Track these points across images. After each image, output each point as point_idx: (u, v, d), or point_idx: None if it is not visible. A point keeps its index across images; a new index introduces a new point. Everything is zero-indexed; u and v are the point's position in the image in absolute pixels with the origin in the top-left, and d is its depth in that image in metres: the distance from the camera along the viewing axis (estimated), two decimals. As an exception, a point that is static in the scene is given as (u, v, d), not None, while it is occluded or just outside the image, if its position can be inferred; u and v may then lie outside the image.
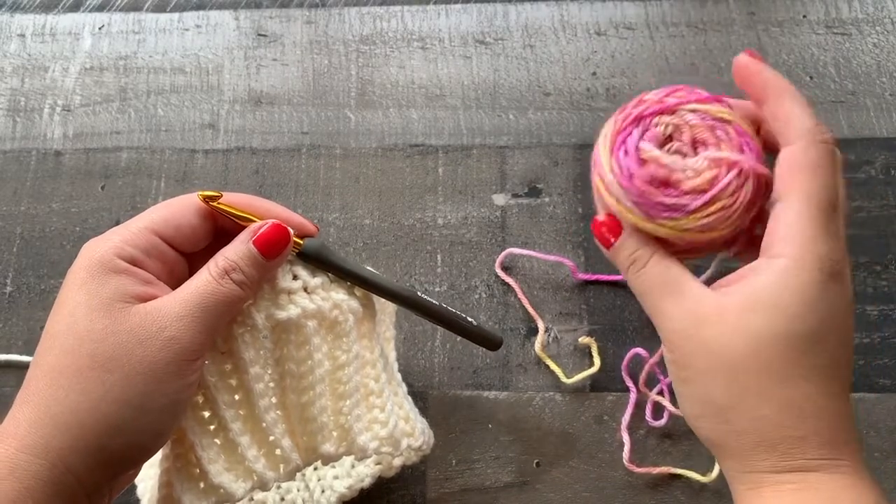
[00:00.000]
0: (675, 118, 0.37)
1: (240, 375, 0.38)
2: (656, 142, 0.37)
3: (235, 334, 0.37)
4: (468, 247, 0.58)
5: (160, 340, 0.33)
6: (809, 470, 0.33)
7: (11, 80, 0.67)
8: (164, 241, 0.36)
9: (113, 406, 0.32)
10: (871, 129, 0.60)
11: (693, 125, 0.37)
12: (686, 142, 0.37)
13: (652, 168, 0.36)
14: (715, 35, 0.64)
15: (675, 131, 0.37)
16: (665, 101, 0.37)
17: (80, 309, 0.33)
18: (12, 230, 0.61)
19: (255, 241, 0.36)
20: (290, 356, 0.39)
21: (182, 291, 0.35)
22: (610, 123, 0.38)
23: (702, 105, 0.37)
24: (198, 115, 0.64)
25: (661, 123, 0.37)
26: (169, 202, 0.38)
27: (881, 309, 0.55)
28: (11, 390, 0.55)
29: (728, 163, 0.36)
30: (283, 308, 0.38)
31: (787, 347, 0.32)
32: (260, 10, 0.68)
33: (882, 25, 0.64)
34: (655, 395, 0.53)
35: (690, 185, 0.36)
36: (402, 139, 0.62)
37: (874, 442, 0.51)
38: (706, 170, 0.36)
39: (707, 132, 0.36)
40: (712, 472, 0.50)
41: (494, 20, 0.66)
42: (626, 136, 0.37)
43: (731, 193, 0.35)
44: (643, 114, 0.37)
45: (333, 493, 0.48)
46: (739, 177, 0.35)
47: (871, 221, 0.57)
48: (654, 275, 0.36)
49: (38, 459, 0.32)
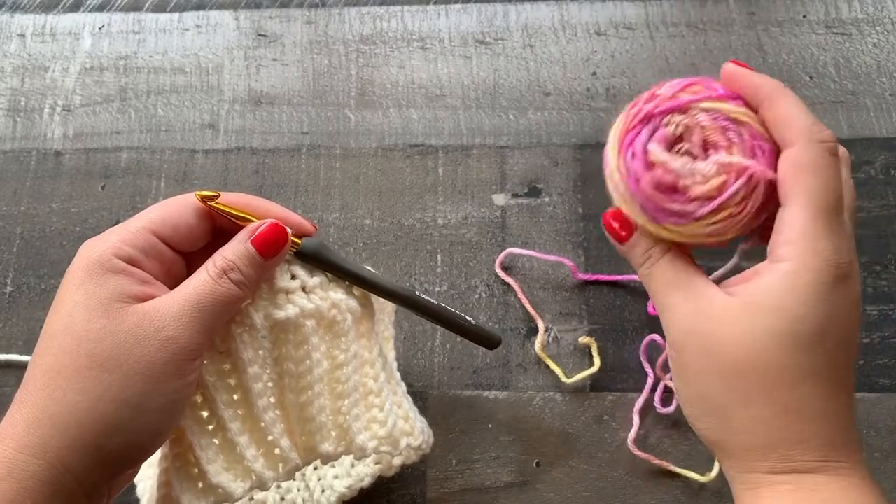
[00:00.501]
0: (687, 117, 0.35)
1: (238, 375, 0.38)
2: (665, 143, 0.36)
3: (234, 334, 0.37)
4: (468, 247, 0.58)
5: (158, 340, 0.33)
6: (808, 471, 0.33)
7: (11, 80, 0.67)
8: (162, 240, 0.36)
9: (111, 405, 0.32)
10: (871, 129, 0.60)
11: (704, 126, 0.35)
12: (696, 143, 0.35)
13: (659, 172, 0.35)
14: (715, 35, 0.64)
15: (685, 131, 0.36)
16: (678, 98, 0.36)
17: (77, 309, 0.33)
18: (12, 230, 0.61)
19: (253, 241, 0.36)
20: (288, 356, 0.39)
21: (180, 291, 0.35)
22: (621, 119, 0.37)
23: (716, 104, 0.35)
24: (198, 115, 0.64)
25: (671, 123, 0.36)
26: (167, 202, 0.37)
27: (881, 309, 0.55)
28: (11, 390, 0.55)
29: (738, 169, 0.34)
30: (281, 308, 0.38)
31: (789, 350, 0.32)
32: (260, 10, 0.68)
33: (882, 25, 0.64)
34: (669, 381, 0.53)
35: (698, 191, 0.35)
36: (402, 139, 0.62)
37: (874, 442, 0.51)
38: (715, 175, 0.35)
39: (718, 134, 0.35)
40: (711, 473, 0.50)
41: (494, 20, 0.66)
42: (634, 136, 0.36)
43: (740, 201, 0.34)
44: (653, 111, 0.36)
45: (333, 493, 0.48)
46: (749, 184, 0.34)
47: (871, 221, 0.57)
48: (666, 271, 0.36)
49: (36, 460, 0.32)
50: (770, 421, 0.33)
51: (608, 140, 0.37)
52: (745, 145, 0.35)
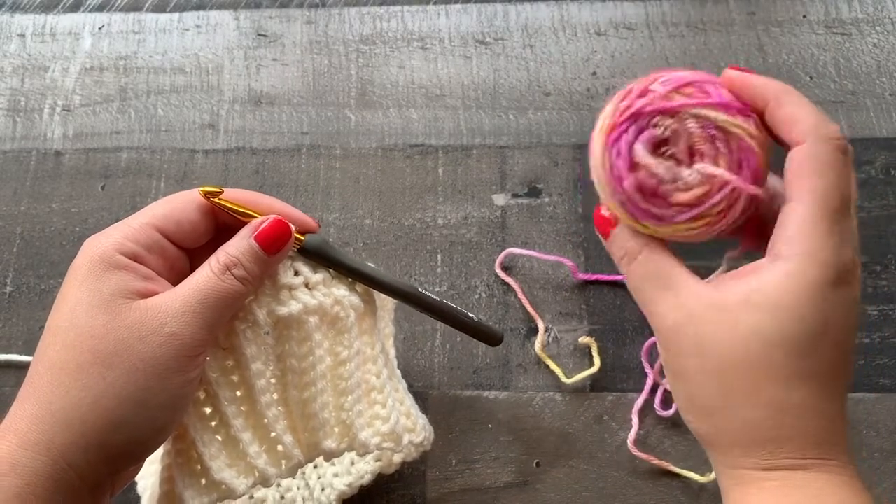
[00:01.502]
0: (676, 122, 0.35)
1: (241, 371, 0.38)
2: (652, 144, 0.35)
3: (237, 330, 0.37)
4: (468, 247, 0.58)
5: (161, 336, 0.33)
6: (796, 469, 0.32)
7: (11, 80, 0.67)
8: (165, 236, 0.36)
9: (114, 402, 0.32)
10: (871, 129, 0.60)
11: (692, 133, 0.35)
12: (682, 149, 0.35)
13: (642, 175, 0.35)
14: (715, 35, 0.64)
15: (673, 135, 0.35)
16: (670, 100, 0.35)
17: (81, 305, 0.33)
18: (12, 230, 0.61)
19: (256, 237, 0.36)
20: (291, 352, 0.39)
21: (183, 287, 0.35)
22: (610, 107, 0.36)
23: (707, 111, 0.35)
24: (198, 115, 0.64)
25: (660, 125, 0.35)
26: (170, 198, 0.37)
27: (881, 309, 0.55)
28: (11, 390, 0.55)
29: (721, 182, 0.34)
30: (284, 304, 0.38)
31: (784, 349, 0.32)
32: (260, 10, 0.68)
33: (882, 25, 0.64)
34: (666, 384, 0.53)
35: (679, 198, 0.35)
36: (402, 139, 0.62)
37: (874, 442, 0.51)
38: (697, 185, 0.35)
39: (706, 143, 0.35)
40: (711, 473, 0.50)
41: (494, 20, 0.66)
42: (621, 133, 0.35)
43: (719, 213, 0.35)
44: (643, 110, 0.35)
45: (333, 491, 0.48)
46: (730, 197, 0.34)
47: (871, 221, 0.57)
48: (646, 268, 0.36)
49: (39, 456, 0.32)
50: (762, 420, 0.32)
51: (596, 125, 0.36)
52: (732, 156, 0.34)
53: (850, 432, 0.51)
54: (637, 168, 0.35)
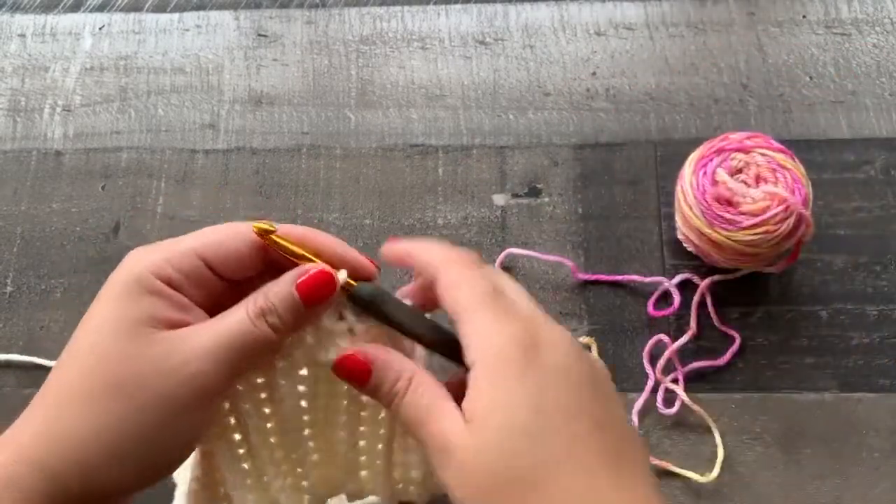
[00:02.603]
0: (748, 157, 0.51)
1: (274, 406, 0.37)
2: (729, 171, 0.50)
3: (274, 366, 0.36)
4: (468, 247, 0.58)
5: (182, 375, 0.32)
6: None
7: (11, 80, 0.67)
8: (210, 266, 0.35)
9: (117, 437, 0.31)
10: (871, 129, 0.60)
11: (759, 165, 0.50)
12: (751, 176, 0.50)
13: (721, 189, 0.50)
14: (715, 35, 0.64)
15: (745, 166, 0.51)
16: (744, 143, 0.51)
17: (106, 325, 0.32)
18: (12, 230, 0.61)
19: (297, 286, 0.34)
20: (326, 393, 0.38)
21: (214, 325, 0.33)
22: (698, 150, 0.52)
23: (771, 152, 0.51)
24: (198, 115, 0.64)
25: (735, 158, 0.51)
26: (221, 228, 0.35)
27: (881, 309, 0.55)
28: (11, 390, 0.55)
29: (780, 198, 0.48)
30: (324, 349, 0.36)
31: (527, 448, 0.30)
32: (260, 10, 0.68)
33: (882, 25, 0.64)
34: (669, 382, 0.53)
35: (747, 208, 0.49)
36: (402, 139, 0.62)
37: (874, 442, 0.51)
38: (761, 200, 0.49)
39: (769, 172, 0.50)
40: (711, 473, 0.50)
41: (494, 20, 0.66)
42: (707, 162, 0.51)
43: (776, 222, 0.48)
44: (725, 148, 0.51)
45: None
46: (785, 211, 0.48)
47: (871, 221, 0.57)
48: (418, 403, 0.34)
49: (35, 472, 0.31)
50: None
51: (686, 163, 0.52)
52: (787, 183, 0.49)
53: (851, 432, 0.51)
54: (717, 184, 0.50)
